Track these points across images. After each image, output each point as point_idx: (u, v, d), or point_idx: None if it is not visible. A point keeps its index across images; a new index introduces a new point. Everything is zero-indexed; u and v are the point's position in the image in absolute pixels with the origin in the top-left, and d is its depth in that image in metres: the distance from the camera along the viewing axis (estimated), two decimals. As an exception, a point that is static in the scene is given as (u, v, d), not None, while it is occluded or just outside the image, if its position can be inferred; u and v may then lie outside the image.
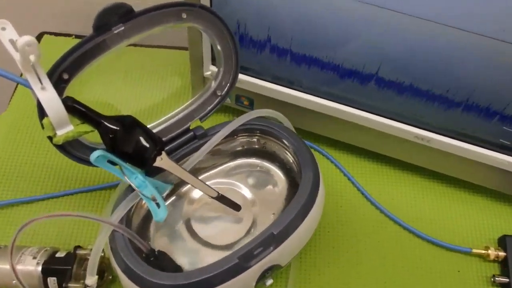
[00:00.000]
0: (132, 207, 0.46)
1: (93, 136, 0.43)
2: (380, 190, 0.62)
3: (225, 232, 0.50)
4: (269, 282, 0.46)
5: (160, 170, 0.46)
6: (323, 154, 0.64)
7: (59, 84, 0.40)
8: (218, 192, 0.48)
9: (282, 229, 0.44)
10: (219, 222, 0.50)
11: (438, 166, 0.59)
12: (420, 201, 0.61)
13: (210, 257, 0.48)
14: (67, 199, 0.59)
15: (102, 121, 0.42)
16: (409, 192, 0.62)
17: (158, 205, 0.43)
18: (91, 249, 0.44)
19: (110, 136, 0.42)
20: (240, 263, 0.42)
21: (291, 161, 0.51)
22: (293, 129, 0.53)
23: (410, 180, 0.63)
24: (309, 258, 0.56)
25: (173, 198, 0.52)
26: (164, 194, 0.50)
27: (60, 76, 0.40)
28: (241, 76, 0.56)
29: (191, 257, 0.48)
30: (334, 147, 0.65)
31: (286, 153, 0.51)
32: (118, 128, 0.42)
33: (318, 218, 0.48)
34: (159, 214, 0.42)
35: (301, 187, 0.46)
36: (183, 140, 0.49)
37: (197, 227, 0.50)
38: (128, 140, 0.43)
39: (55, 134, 0.40)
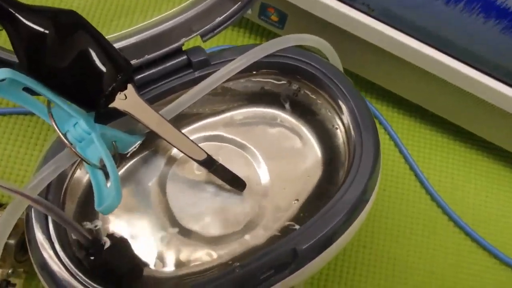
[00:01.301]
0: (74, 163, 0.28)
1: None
2: (441, 175, 0.44)
3: (215, 217, 0.32)
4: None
5: (120, 115, 0.27)
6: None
7: None
8: (212, 158, 0.30)
9: (312, 244, 0.27)
10: (209, 200, 0.32)
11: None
12: (494, 198, 0.44)
13: (186, 253, 0.31)
14: (-5, 122, 0.40)
15: (17, 14, 0.22)
16: (481, 184, 0.44)
17: (107, 176, 0.25)
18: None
19: (31, 44, 0.23)
20: (235, 292, 0.25)
21: (335, 125, 0.32)
22: (342, 70, 0.33)
23: (486, 166, 0.45)
24: (329, 258, 0.40)
25: (145, 153, 0.33)
26: (129, 151, 0.31)
27: None
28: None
29: (159, 248, 0.31)
30: (387, 103, 0.46)
31: (330, 110, 0.32)
32: (47, 31, 0.23)
33: (364, 219, 0.31)
34: (107, 197, 0.24)
35: (353, 176, 0.28)
36: (169, 68, 0.30)
37: (175, 203, 0.32)
38: (64, 56, 0.24)
39: None
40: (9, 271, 0.33)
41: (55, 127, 0.24)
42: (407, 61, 0.37)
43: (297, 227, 0.31)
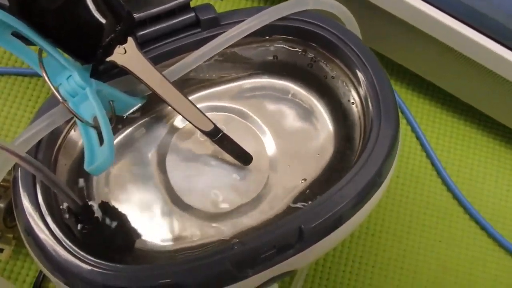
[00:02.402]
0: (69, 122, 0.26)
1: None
2: (460, 165, 0.41)
3: (217, 192, 0.30)
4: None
5: (120, 73, 0.25)
6: (388, 93, 0.43)
7: None
8: (217, 128, 0.28)
9: (320, 224, 0.24)
10: (212, 174, 0.30)
11: None
12: (516, 193, 0.41)
13: (183, 227, 0.29)
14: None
15: None
16: (502, 177, 0.41)
17: (100, 136, 0.23)
18: None
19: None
20: (233, 271, 0.23)
21: (351, 100, 0.30)
22: (361, 38, 0.31)
23: (509, 159, 0.42)
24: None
25: (146, 119, 0.31)
26: (127, 114, 0.29)
27: None
28: None
29: (155, 220, 0.29)
30: (407, 84, 0.43)
31: (347, 82, 0.30)
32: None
33: (376, 203, 0.28)
34: (98, 157, 0.22)
35: (368, 154, 0.26)
36: (175, 25, 0.27)
37: (174, 174, 0.30)
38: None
39: None
40: (-3, 235, 0.32)
41: (46, 78, 0.22)
42: (434, 38, 0.34)
43: (303, 207, 0.29)
